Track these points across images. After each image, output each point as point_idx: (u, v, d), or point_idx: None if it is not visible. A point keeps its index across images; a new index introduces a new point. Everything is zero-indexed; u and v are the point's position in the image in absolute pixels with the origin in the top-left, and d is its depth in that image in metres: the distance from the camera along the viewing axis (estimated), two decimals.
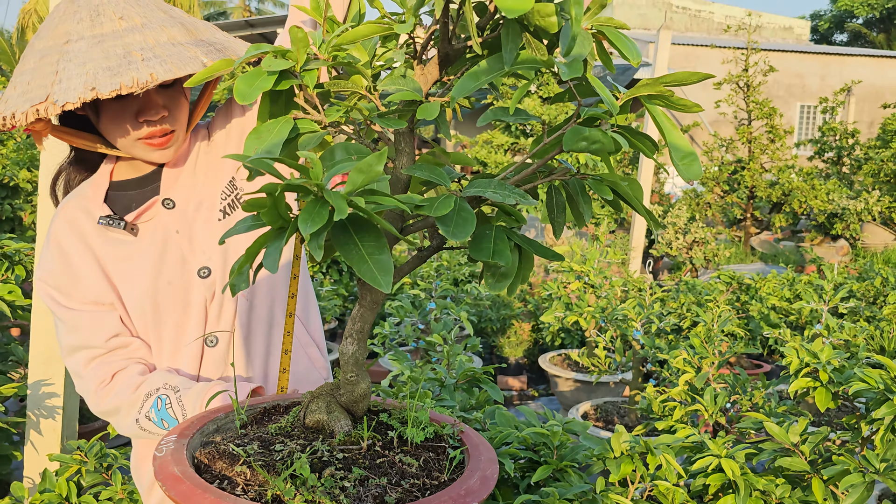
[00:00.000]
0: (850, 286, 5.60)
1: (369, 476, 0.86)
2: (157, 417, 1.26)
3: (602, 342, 3.53)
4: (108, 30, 1.19)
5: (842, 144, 11.30)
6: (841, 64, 20.02)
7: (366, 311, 0.97)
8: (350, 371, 1.00)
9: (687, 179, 0.83)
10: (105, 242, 1.34)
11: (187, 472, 0.83)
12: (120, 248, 1.34)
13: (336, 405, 1.02)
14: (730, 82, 9.73)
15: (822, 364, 2.11)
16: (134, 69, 1.14)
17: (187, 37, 1.24)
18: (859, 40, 35.81)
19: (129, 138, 1.29)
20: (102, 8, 1.21)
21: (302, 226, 0.67)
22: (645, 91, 0.85)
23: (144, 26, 1.21)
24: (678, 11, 23.53)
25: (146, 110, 1.27)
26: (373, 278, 0.70)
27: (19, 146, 6.23)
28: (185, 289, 1.36)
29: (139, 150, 1.31)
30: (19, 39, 25.99)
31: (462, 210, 0.79)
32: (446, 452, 0.97)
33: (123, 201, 1.37)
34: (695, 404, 2.46)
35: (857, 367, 2.04)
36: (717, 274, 4.66)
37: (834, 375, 2.10)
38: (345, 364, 1.01)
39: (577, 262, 4.19)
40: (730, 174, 9.96)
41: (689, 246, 7.79)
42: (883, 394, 1.89)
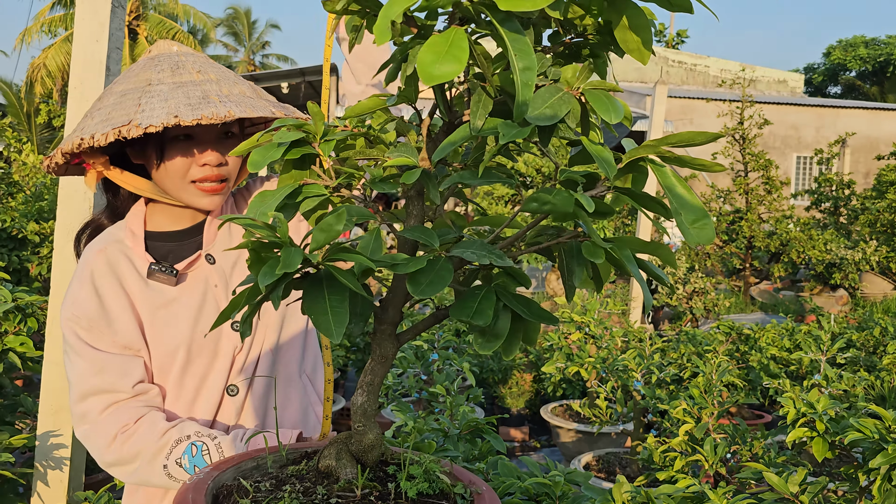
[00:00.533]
0: (848, 336, 5.63)
1: None
2: (189, 464, 1.29)
3: (603, 393, 3.55)
4: (188, 79, 1.33)
5: (838, 195, 11.43)
6: (835, 116, 20.35)
7: (376, 365, 1.02)
8: (358, 421, 1.05)
9: (696, 244, 0.77)
10: (144, 289, 1.40)
11: (199, 499, 0.88)
12: (159, 295, 1.40)
13: (346, 453, 1.07)
14: (726, 135, 9.90)
15: (818, 414, 2.15)
16: (213, 106, 1.27)
17: (254, 93, 1.39)
18: (853, 92, 36.43)
19: (184, 181, 1.38)
20: (182, 62, 1.36)
21: (260, 278, 0.72)
22: (646, 153, 0.84)
23: (219, 80, 1.35)
24: (674, 65, 24.01)
25: (207, 156, 1.37)
26: (326, 328, 0.75)
27: (28, 199, 6.35)
28: (217, 340, 1.42)
29: (189, 194, 1.39)
30: (28, 92, 26.49)
31: (441, 269, 0.81)
32: None
33: (161, 251, 1.44)
34: (695, 454, 2.49)
35: (853, 417, 2.08)
36: (717, 324, 4.70)
37: (830, 425, 2.13)
38: (354, 414, 1.06)
39: (578, 312, 4.24)
40: (728, 224, 10.06)
41: (689, 296, 7.84)
42: (878, 443, 1.92)
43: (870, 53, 35.39)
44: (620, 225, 9.59)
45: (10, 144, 6.64)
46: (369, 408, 1.03)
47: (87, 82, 2.43)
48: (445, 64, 0.68)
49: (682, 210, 0.77)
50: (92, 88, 2.42)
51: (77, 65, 2.43)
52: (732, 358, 4.57)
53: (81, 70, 2.44)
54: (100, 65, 2.43)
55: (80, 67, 2.43)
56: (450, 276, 0.80)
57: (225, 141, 1.42)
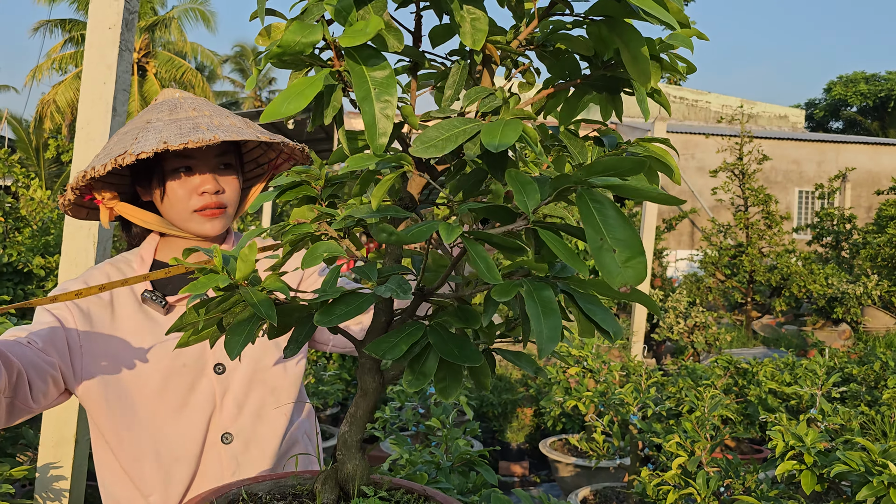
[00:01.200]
0: (843, 370, 5.65)
1: None
2: None
3: (600, 426, 3.57)
4: (183, 115, 1.43)
5: (839, 229, 11.47)
6: (837, 151, 20.47)
7: (359, 398, 1.07)
8: (340, 451, 1.10)
9: (623, 285, 0.68)
10: (134, 313, 1.46)
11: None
12: (147, 321, 1.45)
13: (332, 480, 1.11)
14: (725, 170, 10.00)
15: (806, 447, 2.17)
16: (201, 133, 1.37)
17: (244, 125, 1.48)
18: (855, 127, 36.66)
19: (186, 210, 1.46)
20: (180, 103, 1.47)
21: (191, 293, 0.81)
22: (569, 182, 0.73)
23: (212, 115, 1.45)
24: (676, 101, 24.25)
25: (205, 184, 1.46)
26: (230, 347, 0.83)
27: (34, 233, 6.43)
28: (196, 375, 1.46)
29: (193, 223, 1.47)
30: (36, 128, 26.85)
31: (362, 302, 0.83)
32: None
33: (163, 281, 1.50)
34: (688, 488, 2.51)
35: (842, 450, 2.10)
36: (715, 358, 4.72)
37: (819, 458, 2.16)
38: (337, 445, 1.11)
39: (576, 346, 4.27)
40: (730, 258, 10.10)
41: (690, 330, 7.84)
42: (864, 476, 1.95)
43: (870, 89, 35.69)
44: None
45: (18, 179, 6.75)
46: (349, 438, 1.08)
47: (93, 122, 2.52)
48: (290, 103, 0.78)
49: (617, 246, 0.69)
50: (98, 128, 2.50)
51: (85, 105, 2.52)
52: (731, 392, 4.58)
53: (89, 110, 2.52)
54: (106, 105, 2.51)
55: (88, 108, 2.51)
56: (365, 307, 0.82)
57: (222, 171, 1.50)
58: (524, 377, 6.13)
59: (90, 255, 2.50)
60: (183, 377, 1.45)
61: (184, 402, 1.45)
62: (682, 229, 19.08)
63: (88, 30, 2.52)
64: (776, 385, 4.52)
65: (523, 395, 5.72)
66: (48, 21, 25.44)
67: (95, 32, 2.50)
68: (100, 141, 2.48)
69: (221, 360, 1.49)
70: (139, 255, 1.53)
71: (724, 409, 3.81)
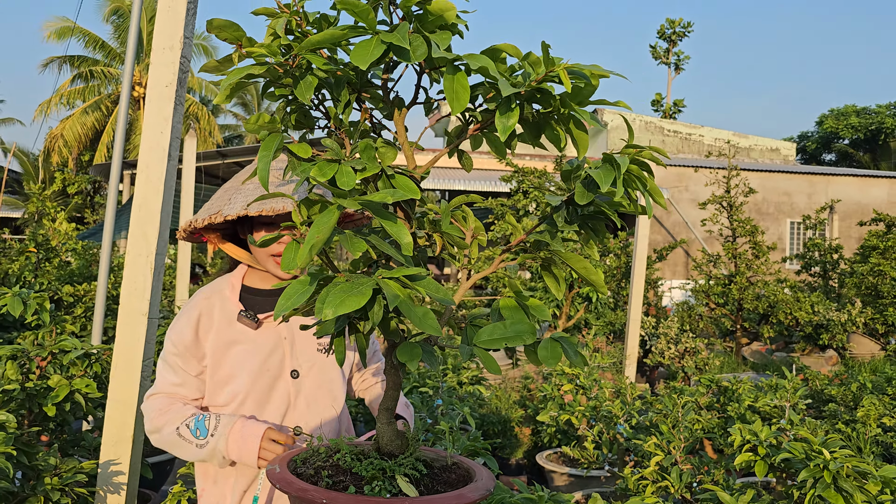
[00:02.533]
0: (823, 392, 6.04)
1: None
2: (193, 426, 1.78)
3: (590, 436, 3.95)
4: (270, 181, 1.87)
5: (826, 259, 11.91)
6: (826, 183, 21.01)
7: (390, 390, 1.47)
8: (378, 419, 1.51)
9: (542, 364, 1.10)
10: (229, 327, 1.89)
11: (283, 465, 1.33)
12: (241, 335, 1.89)
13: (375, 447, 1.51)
14: (714, 202, 10.47)
15: (759, 441, 2.56)
16: (274, 202, 1.79)
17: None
18: (847, 160, 37.35)
19: (266, 255, 1.90)
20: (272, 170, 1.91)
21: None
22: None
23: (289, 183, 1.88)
24: (670, 135, 24.86)
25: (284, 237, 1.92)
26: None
27: (62, 264, 6.84)
28: (276, 377, 1.92)
29: (270, 265, 1.92)
30: (45, 161, 27.38)
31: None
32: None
33: (250, 303, 1.93)
34: (664, 481, 2.89)
35: (785, 443, 2.49)
36: (698, 378, 5.10)
37: (770, 450, 2.55)
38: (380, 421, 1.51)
39: (569, 365, 4.66)
40: (722, 287, 10.51)
41: (680, 355, 8.22)
42: (804, 462, 2.34)
43: (861, 122, 36.44)
44: (616, 288, 10.04)
45: (49, 213, 7.18)
46: (385, 409, 1.48)
47: (151, 166, 2.94)
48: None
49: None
50: (156, 171, 2.92)
51: (144, 151, 2.94)
52: (713, 408, 4.96)
53: (148, 155, 2.94)
54: (163, 152, 2.94)
55: (147, 153, 2.94)
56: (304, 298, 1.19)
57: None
58: (522, 398, 6.49)
59: (147, 280, 2.90)
60: (266, 379, 1.89)
61: (266, 399, 1.89)
62: (676, 259, 19.52)
63: (149, 87, 2.95)
64: (751, 400, 4.91)
65: (521, 414, 6.08)
66: (58, 57, 26.09)
67: (155, 89, 2.93)
68: (157, 182, 2.91)
69: (296, 367, 1.92)
70: (230, 282, 1.97)
71: (706, 422, 4.20)
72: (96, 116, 25.32)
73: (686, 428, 3.13)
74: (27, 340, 3.10)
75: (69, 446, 3.09)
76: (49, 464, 2.65)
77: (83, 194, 27.26)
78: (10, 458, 2.35)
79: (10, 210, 27.16)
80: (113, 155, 4.04)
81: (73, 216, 25.34)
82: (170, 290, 10.12)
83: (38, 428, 2.86)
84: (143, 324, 2.85)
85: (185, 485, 3.16)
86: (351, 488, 1.28)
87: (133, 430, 2.91)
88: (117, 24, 26.20)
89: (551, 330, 7.31)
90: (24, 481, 2.62)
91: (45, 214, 7.22)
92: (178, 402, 1.90)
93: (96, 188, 27.74)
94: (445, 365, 5.21)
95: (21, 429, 2.92)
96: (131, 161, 16.11)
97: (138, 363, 2.82)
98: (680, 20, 35.12)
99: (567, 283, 6.93)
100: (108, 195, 3.99)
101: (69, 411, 3.01)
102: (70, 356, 3.01)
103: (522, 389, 6.37)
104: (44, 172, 27.62)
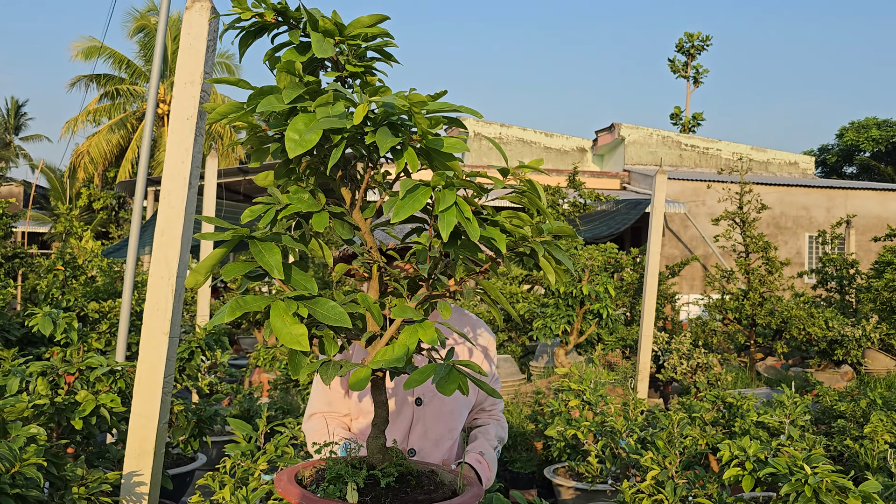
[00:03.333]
0: (833, 408, 6.11)
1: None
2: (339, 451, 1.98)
3: (594, 451, 4.07)
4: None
5: (842, 274, 11.91)
6: (845, 197, 20.93)
7: (378, 409, 1.63)
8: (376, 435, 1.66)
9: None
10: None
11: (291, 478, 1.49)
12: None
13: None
14: (726, 218, 10.54)
15: (747, 456, 2.68)
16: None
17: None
18: (869, 172, 37.07)
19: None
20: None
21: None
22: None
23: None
24: (687, 149, 24.89)
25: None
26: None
27: (88, 281, 7.09)
28: (403, 402, 2.13)
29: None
30: (71, 177, 27.97)
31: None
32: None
33: None
34: (659, 495, 3.01)
35: (771, 459, 2.61)
36: (704, 394, 5.20)
37: (757, 465, 2.66)
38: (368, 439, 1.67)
39: (576, 381, 4.79)
40: (736, 301, 10.55)
41: (693, 370, 8.29)
42: (786, 476, 2.45)
43: (882, 134, 36.17)
44: (628, 303, 10.13)
45: (76, 232, 7.43)
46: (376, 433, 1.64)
47: (173, 193, 3.13)
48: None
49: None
50: (178, 197, 3.11)
51: (167, 179, 3.13)
52: (718, 424, 5.05)
53: (170, 182, 3.13)
54: (184, 180, 3.13)
55: (169, 181, 3.13)
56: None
57: None
58: (534, 413, 6.61)
59: (169, 301, 3.09)
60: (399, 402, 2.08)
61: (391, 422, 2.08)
62: (694, 274, 19.51)
63: (171, 119, 3.15)
64: (758, 416, 5.00)
65: (532, 429, 6.20)
66: (85, 76, 26.68)
67: (177, 121, 3.13)
68: (178, 208, 3.10)
69: (420, 395, 2.11)
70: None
71: (710, 437, 4.30)
72: (121, 133, 25.85)
73: (681, 443, 3.24)
74: (56, 357, 3.29)
75: (95, 458, 3.27)
76: (76, 474, 2.83)
77: (108, 209, 27.79)
78: (40, 468, 2.53)
79: (38, 225, 27.74)
80: (137, 177, 4.25)
81: (99, 231, 25.83)
82: (191, 305, 10.36)
83: (66, 440, 3.04)
84: (164, 342, 3.03)
85: (203, 495, 3.33)
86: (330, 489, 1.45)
87: (154, 443, 3.08)
88: (143, 41, 26.76)
89: (563, 346, 7.42)
90: (53, 490, 2.80)
91: (72, 233, 7.48)
92: (333, 423, 2.14)
93: (121, 203, 28.26)
94: None
95: (50, 441, 3.11)
96: (155, 178, 16.45)
97: (160, 380, 2.99)
98: (699, 34, 35.17)
99: (578, 300, 7.05)
100: (133, 218, 4.20)
101: (95, 425, 3.20)
102: (96, 373, 3.20)
103: (534, 404, 6.49)
104: (70, 188, 28.20)
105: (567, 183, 12.49)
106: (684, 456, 3.20)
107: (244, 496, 2.85)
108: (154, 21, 25.93)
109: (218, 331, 4.67)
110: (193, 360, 4.41)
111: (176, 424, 4.02)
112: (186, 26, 3.05)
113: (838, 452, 5.80)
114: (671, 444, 3.21)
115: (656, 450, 3.23)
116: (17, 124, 39.08)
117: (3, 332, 5.10)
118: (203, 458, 4.73)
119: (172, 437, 4.04)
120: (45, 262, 9.58)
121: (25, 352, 4.77)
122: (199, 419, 4.09)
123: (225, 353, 5.29)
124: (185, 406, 4.10)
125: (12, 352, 3.73)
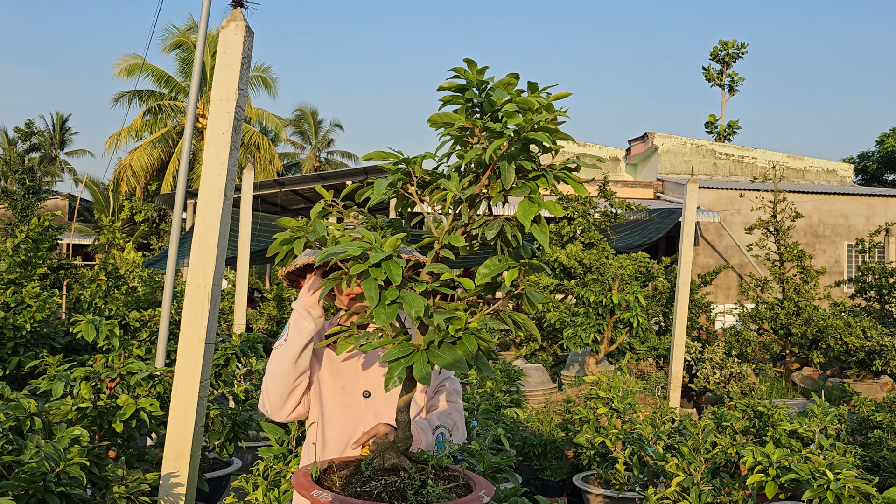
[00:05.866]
0: (838, 412, 6.05)
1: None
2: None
3: (621, 458, 4.09)
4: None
5: (882, 283, 11.69)
6: (885, 204, 20.52)
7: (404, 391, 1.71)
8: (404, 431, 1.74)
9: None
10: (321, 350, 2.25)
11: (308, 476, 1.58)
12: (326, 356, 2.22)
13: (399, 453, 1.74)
14: (760, 227, 10.43)
15: (770, 463, 2.70)
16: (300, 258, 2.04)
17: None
18: None
19: (344, 296, 2.19)
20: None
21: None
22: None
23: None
24: (722, 158, 24.63)
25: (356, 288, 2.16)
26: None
27: (129, 290, 7.30)
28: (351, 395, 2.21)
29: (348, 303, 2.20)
30: (114, 190, 28.64)
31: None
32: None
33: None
34: (683, 501, 3.04)
35: (794, 465, 2.62)
36: (734, 402, 5.18)
37: (780, 472, 2.68)
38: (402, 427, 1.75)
39: (604, 389, 4.81)
40: (771, 310, 10.43)
41: (726, 380, 8.23)
42: (809, 482, 2.47)
43: None
44: (660, 312, 10.08)
45: (118, 244, 7.66)
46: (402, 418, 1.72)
47: (209, 205, 3.25)
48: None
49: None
50: (214, 209, 3.23)
51: (203, 192, 3.26)
52: (748, 433, 5.03)
53: (206, 195, 3.26)
54: (219, 192, 3.25)
55: (206, 194, 3.25)
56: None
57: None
58: (564, 421, 6.63)
59: (205, 309, 3.21)
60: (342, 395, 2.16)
61: (341, 414, 2.16)
62: (729, 283, 19.28)
63: (208, 135, 3.28)
64: (790, 425, 4.97)
65: (562, 437, 6.22)
66: (128, 92, 27.37)
67: (213, 137, 3.26)
68: (214, 220, 3.22)
69: (368, 388, 2.19)
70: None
71: (740, 446, 4.29)
72: (162, 147, 26.44)
73: (707, 450, 3.26)
74: (98, 363, 3.43)
75: (134, 460, 3.40)
76: (117, 475, 2.96)
77: (149, 222, 28.41)
78: (83, 468, 2.65)
79: (82, 237, 28.46)
80: (177, 189, 4.41)
81: (140, 242, 26.42)
82: (228, 314, 10.57)
83: (107, 442, 3.18)
84: (200, 349, 3.15)
85: (237, 497, 3.44)
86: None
87: (191, 446, 3.20)
88: (182, 57, 27.37)
89: (594, 354, 7.43)
90: (95, 490, 2.93)
91: (114, 245, 7.71)
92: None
93: (161, 216, 28.87)
94: (483, 388, 5.42)
95: (93, 443, 3.25)
96: (194, 190, 16.82)
97: (196, 383, 3.11)
98: (734, 42, 34.83)
99: (608, 309, 7.06)
100: (172, 229, 4.35)
101: (135, 428, 3.33)
102: (136, 378, 3.33)
103: (564, 413, 6.52)
104: (113, 201, 28.88)
105: (597, 193, 12.49)
106: (710, 463, 3.22)
107: (276, 497, 2.95)
108: (193, 38, 26.53)
109: (253, 338, 4.79)
110: (229, 366, 4.54)
111: (212, 428, 4.14)
112: (222, 45, 3.18)
113: (874, 463, 5.72)
114: (696, 452, 3.23)
115: (681, 457, 3.25)
116: (61, 139, 40.16)
117: (49, 339, 5.30)
118: (238, 463, 4.85)
119: (208, 440, 4.16)
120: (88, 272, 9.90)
121: (70, 359, 4.96)
122: (235, 423, 4.21)
123: (260, 361, 5.42)
124: (221, 411, 4.22)
125: (57, 358, 3.89)
